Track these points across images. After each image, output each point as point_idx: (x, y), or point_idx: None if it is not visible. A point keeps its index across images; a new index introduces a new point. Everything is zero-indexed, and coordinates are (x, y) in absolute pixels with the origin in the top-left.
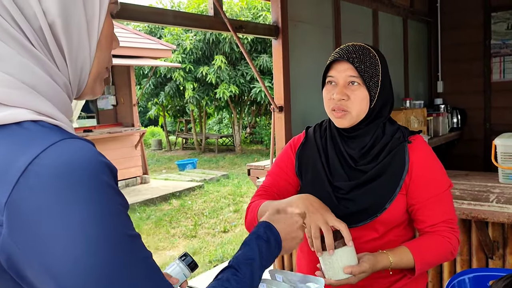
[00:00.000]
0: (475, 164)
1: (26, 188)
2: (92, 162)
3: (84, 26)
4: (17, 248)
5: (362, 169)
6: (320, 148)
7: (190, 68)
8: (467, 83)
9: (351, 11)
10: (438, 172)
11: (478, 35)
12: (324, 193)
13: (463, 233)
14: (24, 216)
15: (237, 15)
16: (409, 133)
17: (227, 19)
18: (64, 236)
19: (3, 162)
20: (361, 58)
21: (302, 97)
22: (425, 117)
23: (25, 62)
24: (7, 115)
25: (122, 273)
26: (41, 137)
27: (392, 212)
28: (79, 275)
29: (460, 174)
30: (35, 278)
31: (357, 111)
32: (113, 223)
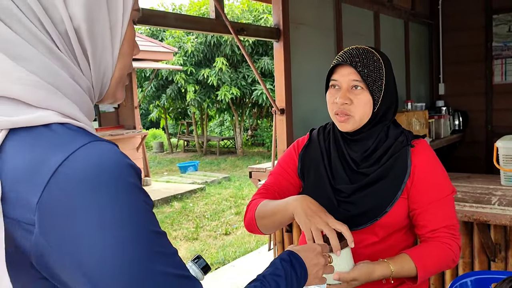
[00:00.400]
0: (477, 166)
1: (56, 189)
2: (119, 164)
3: (107, 32)
4: (49, 247)
5: (364, 172)
6: (324, 150)
7: (191, 70)
8: (468, 85)
9: (352, 13)
10: (440, 177)
11: (480, 37)
12: (326, 195)
13: (465, 236)
14: (55, 215)
15: (238, 18)
16: (412, 137)
17: (229, 22)
18: (94, 235)
19: (33, 163)
20: (364, 62)
21: (304, 100)
22: (426, 119)
23: (50, 64)
24: (36, 117)
25: (151, 269)
26: (70, 140)
27: (393, 216)
28: (110, 272)
29: (462, 177)
30: (67, 276)
31: (360, 115)
32: (141, 221)
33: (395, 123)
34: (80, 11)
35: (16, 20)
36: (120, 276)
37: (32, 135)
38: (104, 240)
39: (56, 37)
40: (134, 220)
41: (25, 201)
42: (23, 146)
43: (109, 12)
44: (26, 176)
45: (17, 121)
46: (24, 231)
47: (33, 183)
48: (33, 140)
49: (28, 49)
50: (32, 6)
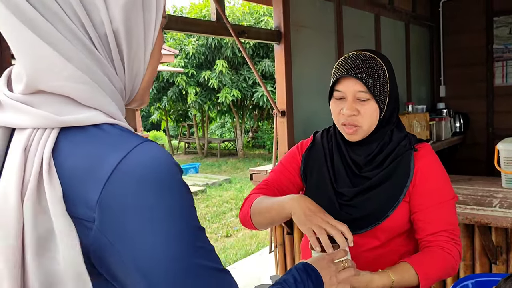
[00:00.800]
0: (478, 168)
1: (115, 187)
2: (169, 163)
3: (142, 36)
4: (108, 243)
5: (366, 175)
6: (327, 153)
7: (192, 72)
8: (469, 87)
9: (353, 16)
10: (442, 181)
11: (481, 40)
12: (327, 198)
13: (466, 238)
14: (114, 212)
15: (239, 20)
16: (416, 140)
17: (230, 24)
18: (149, 231)
19: (91, 162)
20: (369, 71)
21: (305, 102)
22: (427, 122)
23: (90, 64)
24: (86, 117)
25: (198, 264)
26: (124, 140)
27: (395, 220)
28: (163, 267)
29: (463, 179)
30: (122, 271)
31: (368, 125)
32: (190, 217)
33: (398, 126)
34: (119, 14)
35: (59, 20)
36: (171, 270)
37: (84, 135)
38: (158, 235)
39: (95, 38)
40: (184, 216)
41: (84, 199)
42: (77, 145)
43: (144, 17)
44: (85, 175)
45: (69, 120)
46: (84, 228)
47: (92, 181)
48: (86, 139)
49: (71, 48)
50: (75, 7)
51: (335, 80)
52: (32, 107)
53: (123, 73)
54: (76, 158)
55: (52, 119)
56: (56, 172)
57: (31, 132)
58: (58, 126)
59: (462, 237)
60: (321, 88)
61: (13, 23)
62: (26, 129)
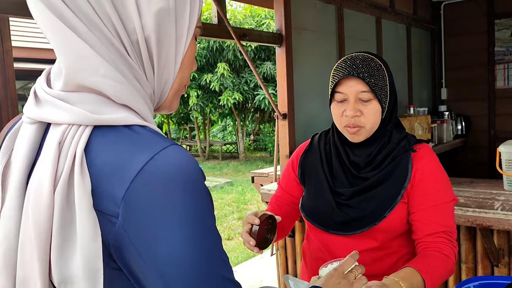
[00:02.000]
0: (480, 171)
1: (141, 185)
2: (195, 167)
3: (173, 44)
4: (128, 238)
5: (364, 176)
6: (323, 155)
7: (194, 75)
8: (471, 90)
9: (354, 18)
10: (441, 182)
11: (482, 42)
12: (325, 198)
13: (468, 241)
14: (137, 209)
15: (240, 23)
16: (415, 141)
17: (231, 27)
18: (170, 231)
19: (120, 160)
20: (369, 71)
21: (306, 105)
22: (429, 124)
23: (122, 67)
24: (120, 117)
25: (214, 271)
26: (153, 141)
27: (392, 220)
28: (180, 268)
29: (464, 181)
30: (139, 267)
31: (371, 125)
32: (211, 224)
33: (398, 127)
34: (151, 22)
35: (95, 26)
36: (189, 272)
37: (116, 134)
38: (178, 237)
39: (128, 44)
40: (205, 222)
41: (111, 195)
42: (108, 143)
43: (176, 25)
44: (113, 172)
45: (103, 119)
46: (108, 223)
47: (120, 178)
48: (118, 139)
49: (106, 52)
50: (110, 15)
51: (336, 82)
52: (68, 104)
53: (153, 79)
54: (106, 155)
55: (87, 116)
56: (87, 166)
57: (65, 128)
58: (92, 124)
59: (464, 239)
60: (323, 91)
61: (53, 23)
62: (61, 125)
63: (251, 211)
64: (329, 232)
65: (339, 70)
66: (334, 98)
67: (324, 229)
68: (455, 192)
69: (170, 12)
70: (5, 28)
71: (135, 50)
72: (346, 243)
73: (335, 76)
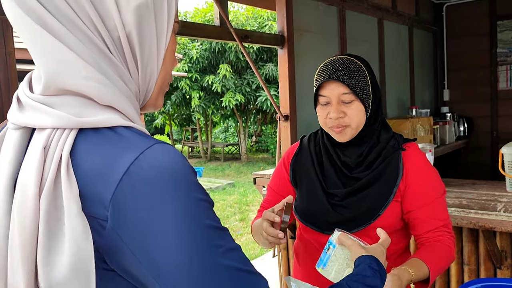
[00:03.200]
0: (482, 172)
1: (128, 186)
2: (183, 165)
3: (154, 39)
4: (120, 240)
5: (356, 176)
6: (314, 156)
7: (196, 77)
8: (473, 91)
9: (356, 20)
10: (432, 178)
11: (484, 44)
12: (319, 200)
13: (471, 243)
14: (127, 211)
15: (243, 25)
16: (403, 140)
17: (233, 29)
18: (164, 229)
19: (105, 163)
20: (349, 73)
21: (308, 106)
22: (431, 126)
23: (106, 67)
24: (103, 119)
25: (215, 263)
26: (138, 141)
27: (386, 219)
28: (176, 265)
29: (467, 183)
30: (136, 269)
31: (356, 124)
32: (202, 217)
33: (385, 127)
34: (131, 18)
35: (74, 25)
36: (186, 268)
37: (99, 136)
38: (171, 233)
39: (109, 42)
40: (198, 216)
41: (99, 198)
42: (93, 146)
43: (156, 20)
44: (99, 175)
45: (87, 122)
46: (99, 226)
47: (107, 181)
48: (102, 141)
49: (88, 52)
50: (89, 13)
51: (318, 85)
52: (52, 107)
53: (137, 76)
54: (92, 159)
55: (71, 120)
56: (73, 171)
57: (50, 132)
58: (76, 127)
59: (467, 241)
60: None
61: (31, 27)
62: (45, 130)
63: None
64: (324, 233)
65: (321, 74)
66: (318, 102)
67: (319, 230)
68: (457, 194)
69: (149, 7)
70: (7, 30)
71: (117, 48)
72: None
73: (317, 80)
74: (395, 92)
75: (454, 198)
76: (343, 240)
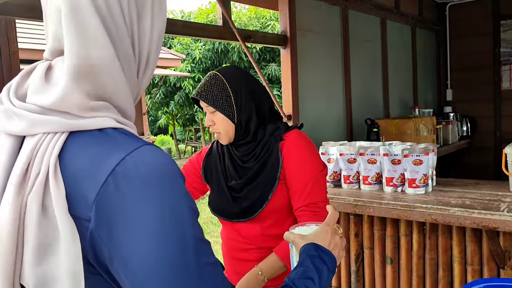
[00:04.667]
0: (486, 172)
1: (112, 187)
2: (170, 168)
3: (158, 53)
4: (101, 241)
5: (247, 166)
6: (220, 155)
7: (199, 77)
8: (476, 91)
9: (359, 20)
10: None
11: (488, 43)
12: (224, 195)
13: (474, 243)
14: (107, 212)
15: (245, 25)
16: (284, 130)
17: (236, 29)
18: (142, 232)
19: (92, 164)
20: (207, 89)
21: (310, 106)
22: (434, 126)
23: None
24: (93, 122)
25: (188, 274)
26: (125, 143)
27: (276, 201)
28: (152, 269)
29: (470, 183)
30: (115, 270)
31: (224, 131)
32: (184, 224)
33: (272, 120)
34: (157, 36)
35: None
36: (158, 272)
37: (88, 138)
38: (149, 238)
39: (137, 57)
40: (178, 222)
41: (84, 199)
42: (82, 147)
43: (159, 37)
44: (86, 176)
45: (78, 125)
46: (83, 227)
47: (92, 182)
48: (90, 143)
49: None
50: (134, 33)
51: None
52: (43, 115)
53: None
54: (79, 160)
55: (62, 123)
56: (61, 172)
57: (41, 136)
58: (67, 130)
59: (470, 241)
60: (327, 92)
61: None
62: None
63: None
64: (232, 221)
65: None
66: None
67: (228, 220)
68: (460, 194)
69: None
70: (11, 30)
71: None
72: (249, 226)
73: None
74: (398, 92)
75: (457, 198)
76: (287, 237)
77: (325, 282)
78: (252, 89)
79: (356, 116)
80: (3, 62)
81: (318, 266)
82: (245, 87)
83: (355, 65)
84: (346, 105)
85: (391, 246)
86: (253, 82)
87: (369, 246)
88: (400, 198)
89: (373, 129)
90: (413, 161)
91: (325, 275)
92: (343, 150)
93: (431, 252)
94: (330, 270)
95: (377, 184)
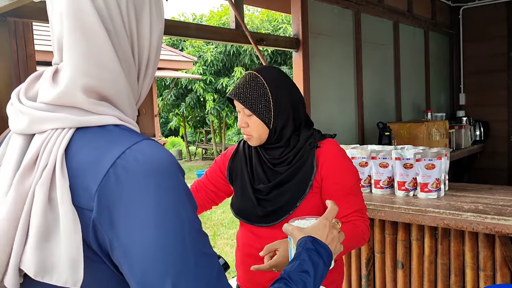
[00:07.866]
0: (499, 177)
1: (113, 179)
2: (170, 161)
3: (158, 59)
4: (103, 230)
5: (278, 170)
6: (247, 156)
7: (210, 79)
8: (490, 95)
9: (372, 23)
10: (344, 171)
11: (501, 47)
12: (248, 196)
13: (487, 248)
14: (109, 202)
15: (257, 28)
16: (320, 137)
17: (248, 32)
18: (141, 221)
19: (95, 157)
20: (247, 91)
21: (323, 108)
22: (447, 130)
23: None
24: (99, 119)
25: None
26: (126, 137)
27: (304, 210)
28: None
29: (483, 188)
30: (115, 257)
31: (257, 134)
32: (184, 215)
33: (307, 126)
34: (156, 40)
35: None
36: (157, 260)
37: (93, 133)
38: (148, 228)
39: (137, 60)
40: (177, 214)
41: (86, 190)
42: (86, 141)
43: (158, 42)
44: (88, 168)
45: (84, 121)
46: (86, 217)
47: (94, 174)
48: (94, 137)
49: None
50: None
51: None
52: (52, 112)
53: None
54: (82, 153)
55: (69, 119)
56: (66, 164)
57: (49, 132)
58: (74, 126)
59: (482, 247)
60: (339, 95)
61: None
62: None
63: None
64: (254, 225)
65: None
66: None
67: (250, 223)
68: (473, 199)
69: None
70: (28, 32)
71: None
72: (270, 232)
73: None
74: (411, 96)
75: (470, 203)
76: (285, 229)
77: (320, 275)
78: (292, 95)
79: (368, 119)
80: (20, 64)
81: (314, 260)
82: (285, 93)
83: (367, 68)
84: (358, 108)
85: (403, 251)
86: (292, 87)
87: (380, 250)
88: (412, 202)
89: (385, 133)
90: (425, 165)
91: (320, 269)
92: (355, 154)
93: (443, 257)
94: (326, 264)
95: (389, 188)
